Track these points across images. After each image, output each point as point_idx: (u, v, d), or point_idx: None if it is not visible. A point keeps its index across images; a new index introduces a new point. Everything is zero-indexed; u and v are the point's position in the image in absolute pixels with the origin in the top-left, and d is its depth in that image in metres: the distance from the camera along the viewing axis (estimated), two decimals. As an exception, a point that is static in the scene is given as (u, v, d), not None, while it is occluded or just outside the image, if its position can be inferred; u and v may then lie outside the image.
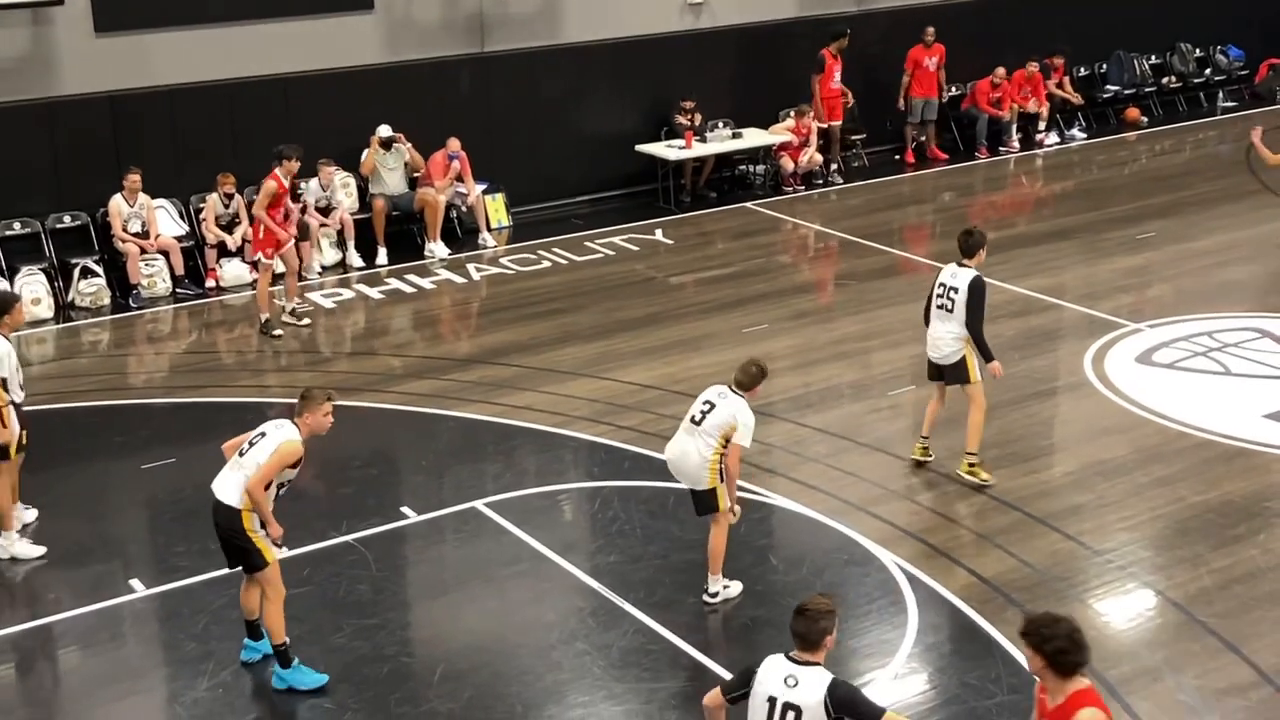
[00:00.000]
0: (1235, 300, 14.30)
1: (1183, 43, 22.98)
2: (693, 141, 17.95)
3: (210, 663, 8.39)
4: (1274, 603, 8.93)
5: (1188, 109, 22.67)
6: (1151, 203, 17.77)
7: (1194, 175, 19.12)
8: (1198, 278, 15.01)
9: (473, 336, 14.15)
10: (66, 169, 15.06)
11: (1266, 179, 18.61)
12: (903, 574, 9.31)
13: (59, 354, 13.86)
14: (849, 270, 15.66)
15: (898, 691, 8.15)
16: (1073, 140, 21.06)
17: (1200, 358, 12.85)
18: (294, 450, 7.94)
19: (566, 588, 9.33)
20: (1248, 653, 8.39)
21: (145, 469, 11.06)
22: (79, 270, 14.80)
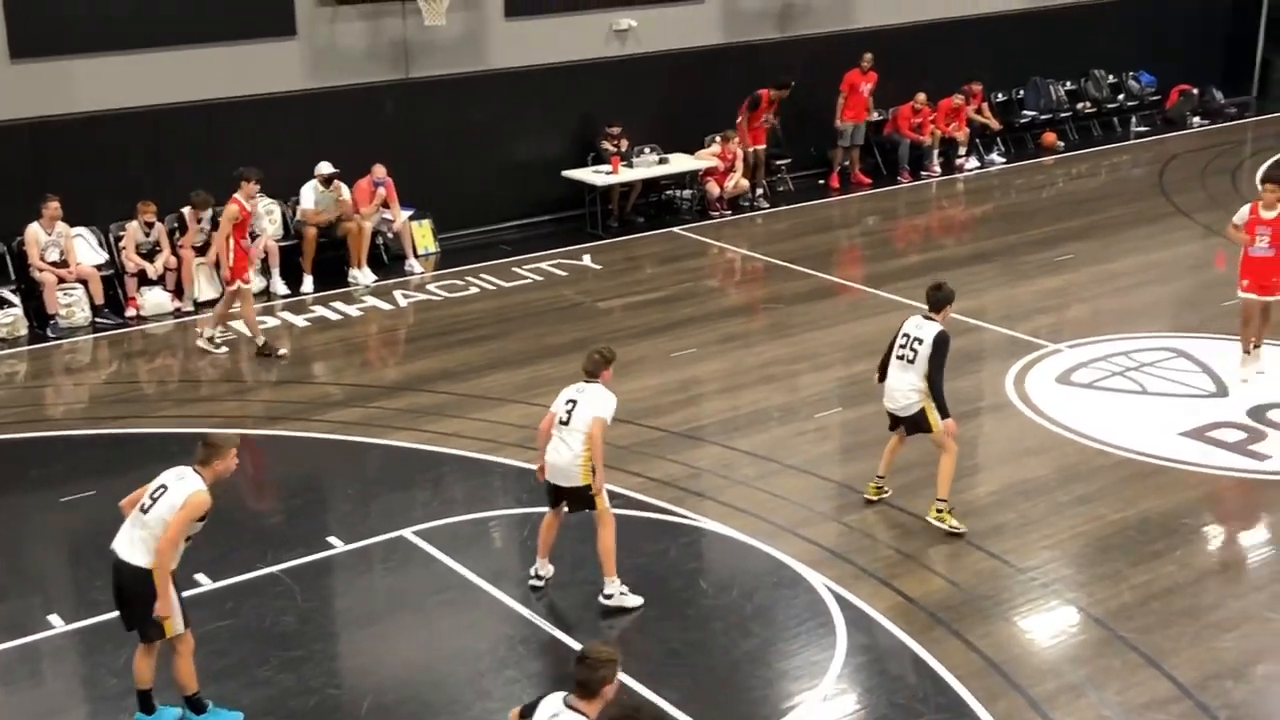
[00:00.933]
0: (1151, 320, 14.56)
1: (1096, 69, 23.42)
2: (619, 167, 18.00)
3: (132, 698, 8.21)
4: (1192, 617, 9.07)
5: (1102, 133, 23.11)
6: (1069, 225, 18.06)
7: (1110, 198, 19.47)
8: (1115, 299, 15.26)
9: (400, 364, 14.05)
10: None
11: (1179, 202, 19.00)
12: (831, 595, 9.34)
13: (-25, 385, 13.58)
14: (775, 294, 15.75)
15: (827, 713, 8.18)
16: (992, 165, 21.38)
17: (1118, 377, 13.05)
18: (202, 502, 7.60)
19: (496, 616, 9.26)
20: (1168, 668, 8.50)
21: (64, 501, 10.85)
22: (-7, 300, 14.55)
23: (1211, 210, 18.49)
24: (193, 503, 7.55)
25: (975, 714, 8.08)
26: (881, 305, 15.14)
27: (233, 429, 11.83)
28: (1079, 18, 22.93)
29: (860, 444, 11.67)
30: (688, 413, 12.41)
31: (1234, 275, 12.91)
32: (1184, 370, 13.17)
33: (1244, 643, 8.78)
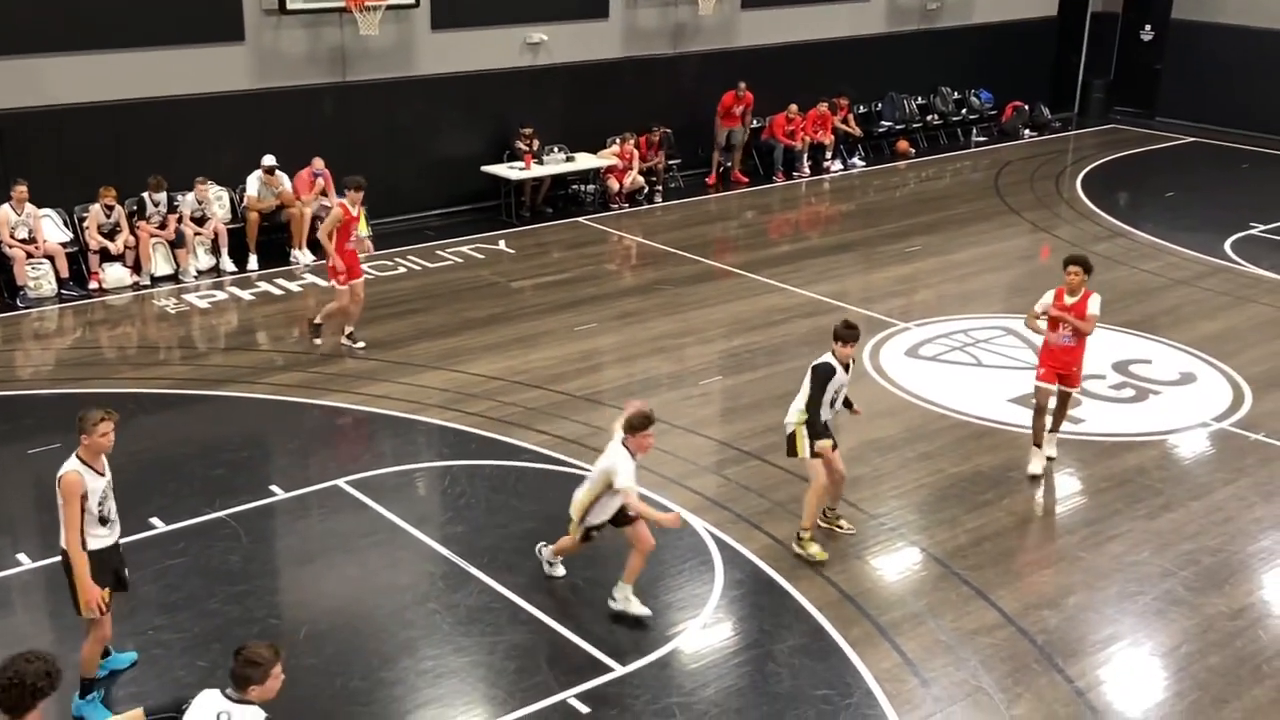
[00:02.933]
0: (987, 303, 14.82)
1: (944, 86, 23.71)
2: (531, 163, 17.86)
3: (92, 629, 8.02)
4: (1014, 556, 9.29)
5: (947, 142, 23.41)
6: (918, 221, 18.29)
7: (953, 198, 19.75)
8: (956, 284, 15.51)
9: (335, 334, 13.82)
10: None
11: (1011, 203, 19.34)
12: (711, 538, 9.41)
13: (-51, 349, 13.11)
14: (666, 276, 15.76)
15: (707, 638, 8.25)
16: (853, 168, 21.57)
17: (957, 351, 13.28)
18: (74, 481, 6.98)
19: (419, 555, 9.19)
20: (994, 599, 8.70)
21: (31, 454, 10.53)
22: (-33, 273, 14.05)
23: (1038, 209, 18.87)
24: (64, 487, 7.02)
25: (833, 638, 8.21)
26: (758, 288, 15.23)
27: (187, 390, 11.63)
28: (929, 42, 23.21)
29: (738, 408, 11.76)
30: (589, 379, 12.39)
31: (1057, 264, 13.13)
32: (1013, 346, 13.44)
33: (1058, 578, 9.02)
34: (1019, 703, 7.64)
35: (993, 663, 7.99)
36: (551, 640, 8.13)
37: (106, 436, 7.14)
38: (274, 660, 5.58)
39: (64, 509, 7.05)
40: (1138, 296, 15.01)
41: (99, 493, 7.18)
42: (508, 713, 7.46)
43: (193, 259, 15.22)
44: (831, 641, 8.17)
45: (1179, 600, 8.78)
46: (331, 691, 7.60)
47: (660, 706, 7.58)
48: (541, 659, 7.94)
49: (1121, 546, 9.46)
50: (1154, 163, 22.32)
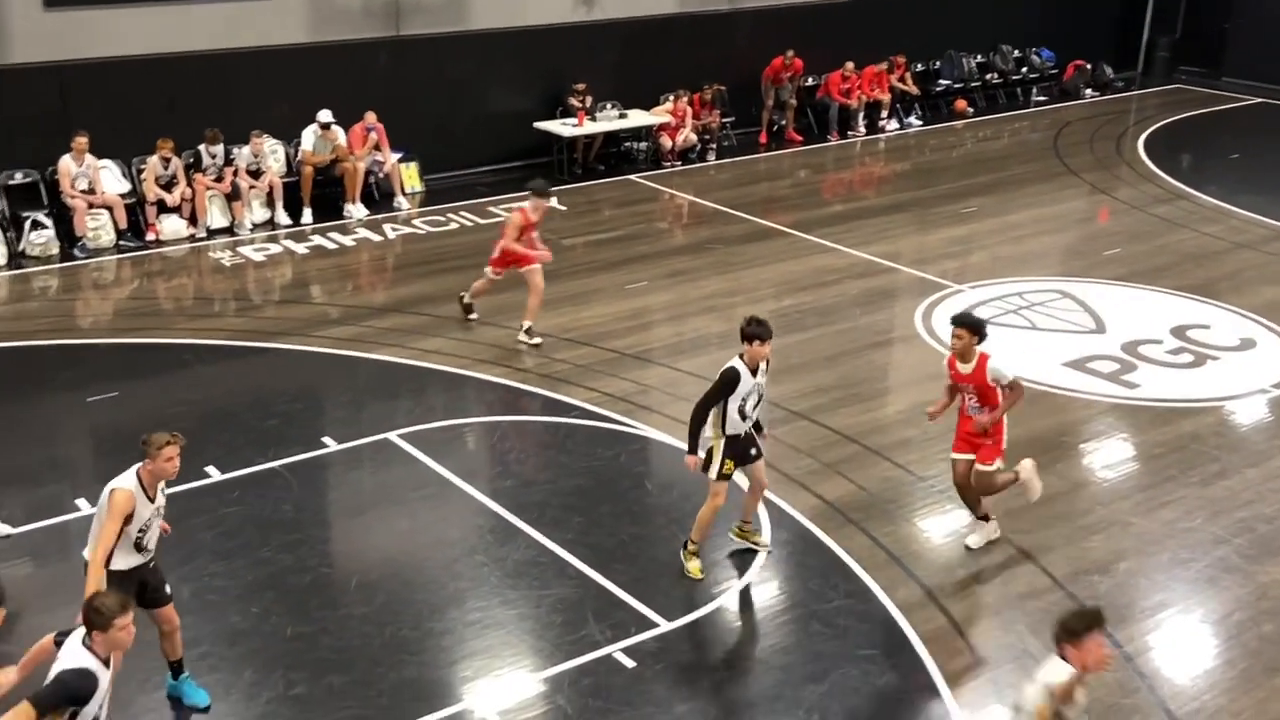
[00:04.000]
0: (1042, 266, 14.63)
1: (1004, 45, 23.31)
2: (584, 120, 17.81)
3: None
4: (1066, 521, 9.22)
5: (1006, 102, 23.03)
6: (974, 181, 18.06)
7: (1010, 159, 19.47)
8: (1012, 246, 15.31)
9: (388, 288, 13.93)
10: (18, 130, 14.45)
11: (1070, 164, 19.04)
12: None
13: (11, 298, 13.34)
14: (717, 235, 15.69)
15: (753, 597, 8.28)
16: (910, 127, 21.29)
17: (1012, 314, 13.14)
18: (123, 500, 6.59)
19: (468, 509, 9.28)
20: (1044, 563, 8.66)
21: (90, 401, 10.74)
22: (30, 223, 14.25)
23: (1098, 171, 18.57)
24: (114, 503, 6.61)
25: (879, 600, 8.21)
26: (810, 248, 15.13)
27: (243, 342, 11.78)
28: (990, -1, 22.84)
29: (787, 368, 11.71)
30: (638, 337, 12.40)
31: (1116, 227, 12.90)
32: (1068, 309, 13.28)
33: (1109, 543, 8.95)
34: (1066, 667, 7.60)
35: (1040, 627, 7.94)
36: (598, 595, 8.20)
37: (171, 462, 6.70)
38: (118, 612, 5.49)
39: (103, 523, 6.63)
40: (1198, 260, 14.76)
41: (144, 520, 6.73)
42: (554, 665, 7.54)
43: (248, 212, 15.37)
44: (878, 603, 8.17)
45: (1232, 567, 8.68)
46: (381, 640, 7.72)
47: (704, 663, 7.63)
48: (588, 613, 8.01)
49: (1174, 513, 9.36)
50: (1219, 124, 21.84)
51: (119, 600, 5.58)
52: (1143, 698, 7.39)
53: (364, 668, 7.46)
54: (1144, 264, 14.60)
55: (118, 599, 5.59)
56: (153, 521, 6.83)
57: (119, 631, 5.51)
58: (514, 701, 7.27)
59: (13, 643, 6.76)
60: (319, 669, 7.42)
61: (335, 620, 7.92)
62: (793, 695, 7.34)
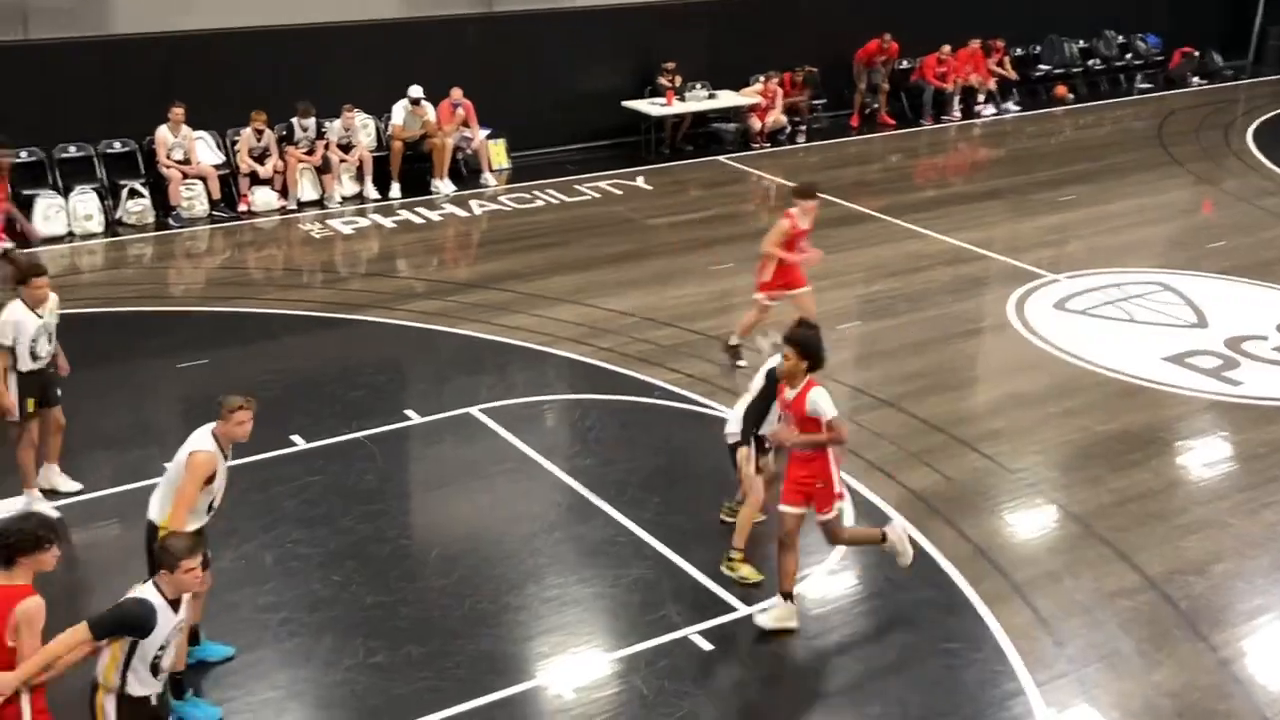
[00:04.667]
0: (1142, 257, 14.26)
1: (1107, 30, 22.75)
2: (673, 100, 17.75)
3: (235, 538, 8.35)
4: (1161, 520, 8.98)
5: (1109, 89, 22.49)
6: (1073, 169, 17.66)
7: (1112, 147, 19.00)
8: (1110, 236, 14.95)
9: (473, 264, 14.02)
10: (118, 100, 14.78)
11: (1175, 153, 18.53)
12: (843, 485, 9.28)
13: (107, 265, 13.67)
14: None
15: (832, 584, 8.19)
16: (1007, 113, 20.89)
17: (1109, 306, 12.83)
18: (204, 463, 6.63)
19: (547, 485, 9.30)
20: (1137, 561, 8.44)
21: (180, 368, 10.95)
22: (127, 191, 14.59)
23: (1203, 161, 18.06)
24: (194, 465, 6.63)
25: (962, 593, 8.07)
26: (900, 233, 14.92)
27: (328, 313, 11.93)
28: (1094, -17, 22.27)
29: (874, 354, 11.58)
30: (722, 319, 12.32)
31: (1221, 219, 12.51)
32: (1168, 303, 12.92)
33: (1205, 544, 8.70)
34: (1158, 669, 7.41)
35: (1132, 626, 7.76)
36: (675, 576, 8.17)
37: (243, 426, 6.73)
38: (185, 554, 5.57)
39: (183, 485, 6.61)
40: (1308, 256, 14.29)
41: (221, 479, 6.82)
42: (630, 645, 7.53)
43: (338, 185, 15.57)
44: (961, 595, 8.03)
45: (1336, 575, 8.39)
46: (460, 612, 7.77)
47: (782, 649, 7.56)
48: (665, 594, 7.99)
49: (1276, 515, 9.06)
50: (1333, 116, 21.11)
51: (189, 542, 5.64)
52: (1238, 703, 7.17)
53: (441, 639, 7.51)
54: (1249, 258, 14.16)
55: (188, 541, 5.66)
56: (223, 485, 6.89)
57: (184, 574, 5.56)
58: (589, 679, 7.27)
59: (94, 602, 6.90)
60: (397, 639, 7.49)
61: (414, 591, 7.99)
62: (872, 686, 7.25)
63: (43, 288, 8.49)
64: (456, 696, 7.01)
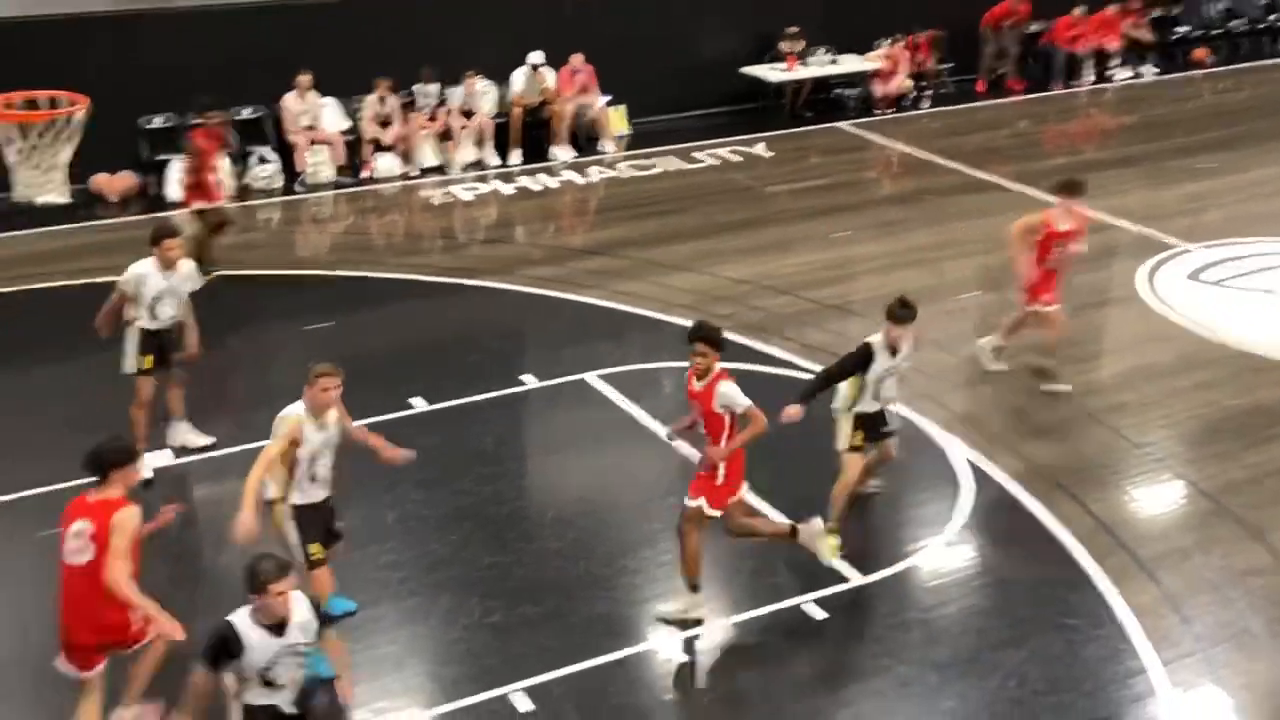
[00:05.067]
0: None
1: (1254, -12, 21.85)
2: (795, 65, 17.59)
3: (358, 497, 8.53)
4: (1297, 499, 8.69)
5: (1250, 51, 21.59)
6: (1212, 135, 17.04)
7: (1254, 111, 18.28)
8: (1250, 205, 14.40)
9: (590, 231, 14.12)
10: (248, 68, 15.15)
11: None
12: (962, 456, 9.19)
13: (236, 229, 14.06)
14: (928, 186, 15.29)
15: (949, 557, 8.11)
16: (1141, 77, 20.21)
17: (1246, 278, 12.39)
18: (287, 424, 6.71)
19: (662, 452, 9.32)
20: (1271, 540, 8.19)
21: (306, 330, 11.25)
22: (256, 157, 15.00)
23: (1353, 127, 17.28)
24: (279, 429, 6.76)
25: (1084, 568, 7.93)
26: (1027, 202, 14.56)
27: (448, 278, 12.14)
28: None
29: (995, 325, 11.36)
30: (841, 288, 12.23)
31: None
32: (1311, 275, 12.44)
33: (1345, 525, 8.40)
34: (1290, 652, 7.21)
35: (1263, 605, 7.54)
36: (789, 544, 8.16)
37: (327, 393, 6.75)
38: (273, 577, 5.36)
39: (264, 454, 6.71)
40: None
41: (313, 448, 6.80)
42: (743, 611, 7.57)
43: (459, 152, 15.79)
44: (1083, 572, 7.89)
45: None
46: (575, 574, 7.90)
47: (897, 620, 7.53)
48: (779, 562, 8.00)
49: None
50: None
51: (277, 565, 5.40)
52: (1376, 691, 6.93)
53: (557, 600, 7.64)
54: (1402, 228, 13.54)
55: (276, 564, 5.41)
56: (324, 450, 6.86)
57: (273, 598, 5.35)
58: (703, 644, 7.33)
59: (218, 555, 7.15)
60: (513, 599, 7.65)
61: (530, 553, 8.13)
62: (990, 658, 7.17)
63: (172, 250, 8.71)
64: (570, 656, 7.13)
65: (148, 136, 14.80)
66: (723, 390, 7.14)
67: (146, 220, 13.96)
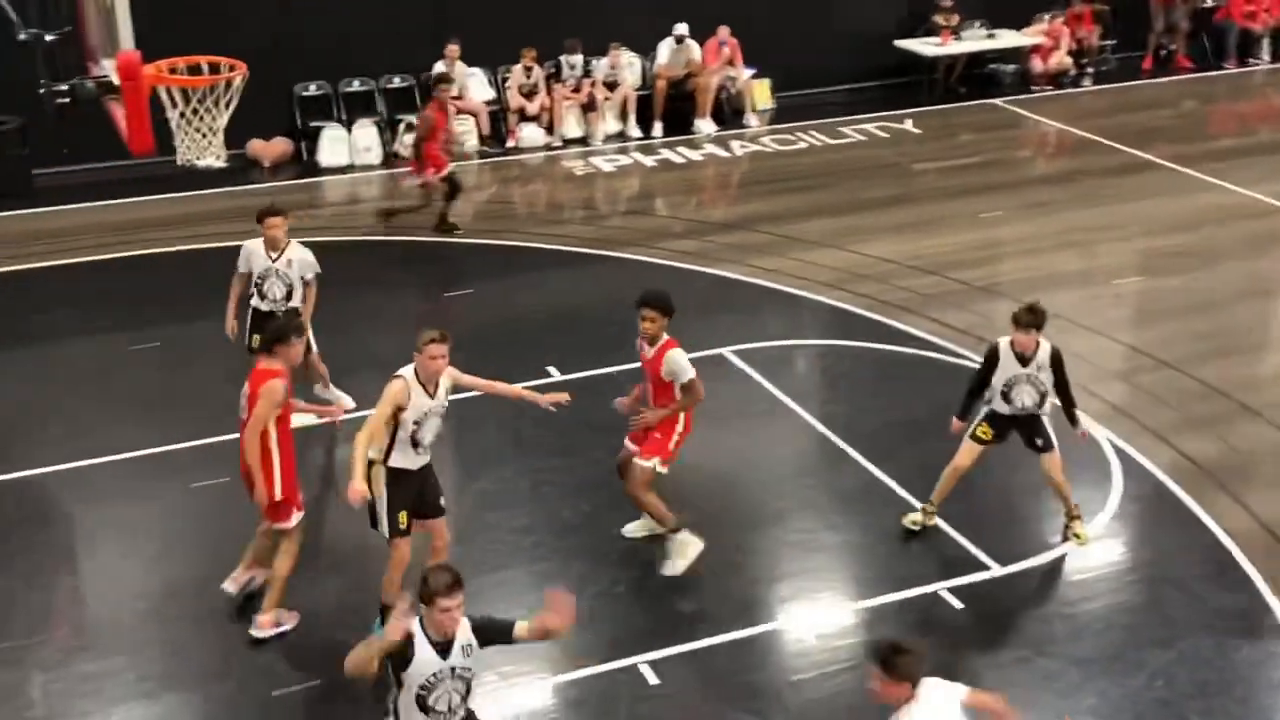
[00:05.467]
0: None
1: None
2: (949, 40, 17.14)
3: (492, 462, 8.68)
4: None
5: None
6: (1398, 119, 16.10)
7: None
8: None
9: (731, 205, 14.01)
10: (397, 37, 15.42)
11: None
12: (1112, 447, 8.86)
13: (383, 195, 14.35)
14: (1085, 166, 14.76)
15: (1097, 551, 7.83)
16: (1324, 56, 19.17)
17: None
18: (395, 388, 6.63)
19: (798, 430, 9.25)
20: None
21: (447, 296, 11.42)
22: (404, 125, 15.25)
23: None
24: (386, 387, 6.68)
25: (1242, 569, 7.57)
26: (1191, 184, 13.97)
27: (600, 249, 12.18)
28: None
29: (1155, 312, 10.94)
30: (989, 269, 11.91)
31: None
32: None
33: None
34: None
35: None
36: (927, 530, 7.98)
37: (434, 361, 6.64)
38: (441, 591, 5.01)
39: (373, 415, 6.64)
40: None
41: (420, 413, 6.69)
42: (876, 596, 7.43)
43: (602, 123, 15.82)
44: (1243, 572, 7.53)
45: None
46: (704, 549, 7.83)
47: (1039, 613, 7.31)
48: (915, 547, 7.83)
49: None
50: None
51: (449, 580, 5.03)
52: None
53: (685, 574, 7.60)
54: None
55: (448, 579, 5.03)
56: (429, 417, 6.72)
57: (440, 613, 5.03)
58: (833, 627, 7.23)
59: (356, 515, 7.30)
60: (644, 569, 7.64)
61: (660, 525, 8.10)
62: (1135, 657, 6.90)
63: (273, 229, 8.61)
64: (698, 631, 7.10)
65: (301, 104, 15.18)
66: (671, 356, 7.25)
67: (299, 185, 14.42)
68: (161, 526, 8.17)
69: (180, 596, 7.44)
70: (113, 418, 9.37)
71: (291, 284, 8.77)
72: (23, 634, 7.14)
